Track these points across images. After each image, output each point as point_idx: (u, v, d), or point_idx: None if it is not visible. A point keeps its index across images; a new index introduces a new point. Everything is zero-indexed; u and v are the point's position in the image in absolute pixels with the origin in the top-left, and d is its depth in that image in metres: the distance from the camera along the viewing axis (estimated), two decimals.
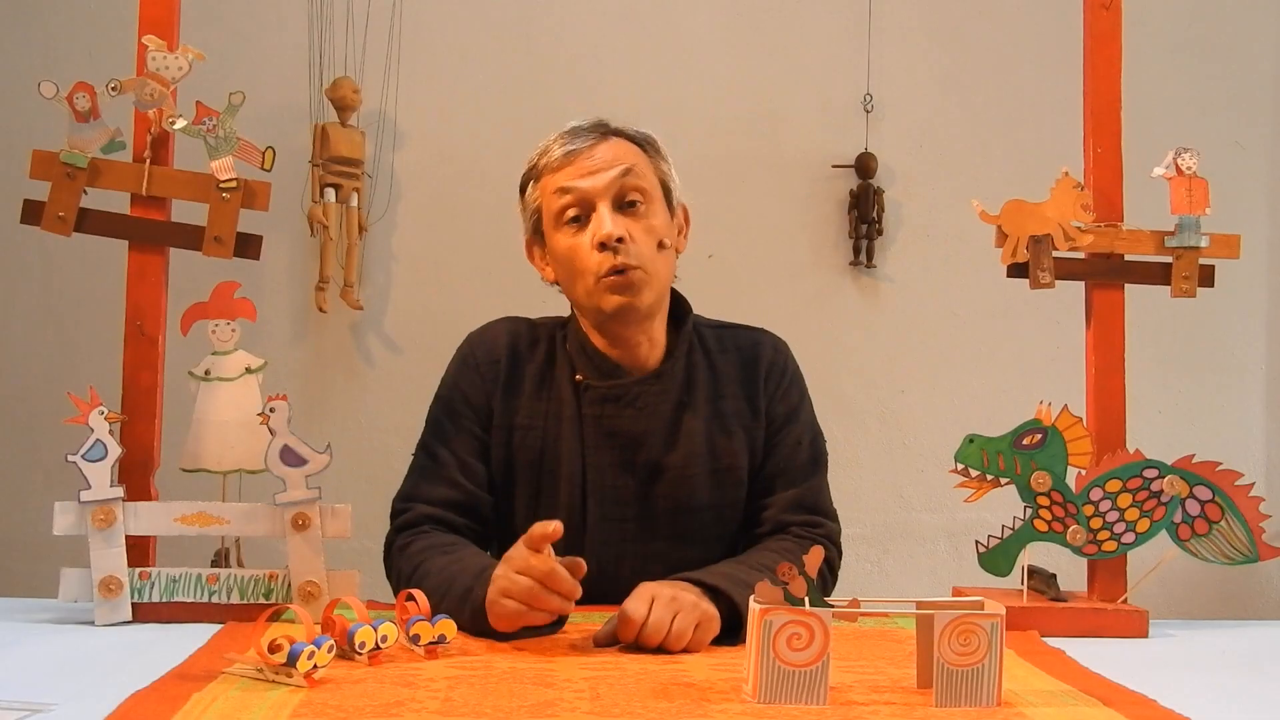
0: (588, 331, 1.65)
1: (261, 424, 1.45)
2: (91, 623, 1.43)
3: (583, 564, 1.38)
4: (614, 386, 1.62)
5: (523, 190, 1.67)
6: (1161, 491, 1.56)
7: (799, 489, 1.66)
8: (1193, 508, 1.58)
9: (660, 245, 1.59)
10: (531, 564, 1.34)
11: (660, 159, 1.65)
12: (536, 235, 1.66)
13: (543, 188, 1.62)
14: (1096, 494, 1.57)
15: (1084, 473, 1.57)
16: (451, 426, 1.65)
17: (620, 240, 1.54)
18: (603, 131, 1.61)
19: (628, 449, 1.61)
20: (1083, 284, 1.71)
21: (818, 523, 1.66)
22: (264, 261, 1.64)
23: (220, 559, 1.56)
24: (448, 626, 1.30)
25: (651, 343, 1.64)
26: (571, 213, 1.57)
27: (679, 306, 1.71)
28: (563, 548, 1.51)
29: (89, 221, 1.55)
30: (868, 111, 2.82)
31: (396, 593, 1.58)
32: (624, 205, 1.57)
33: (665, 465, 1.62)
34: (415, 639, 1.29)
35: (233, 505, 1.48)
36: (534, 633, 1.39)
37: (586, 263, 1.56)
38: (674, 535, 1.63)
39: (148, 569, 1.47)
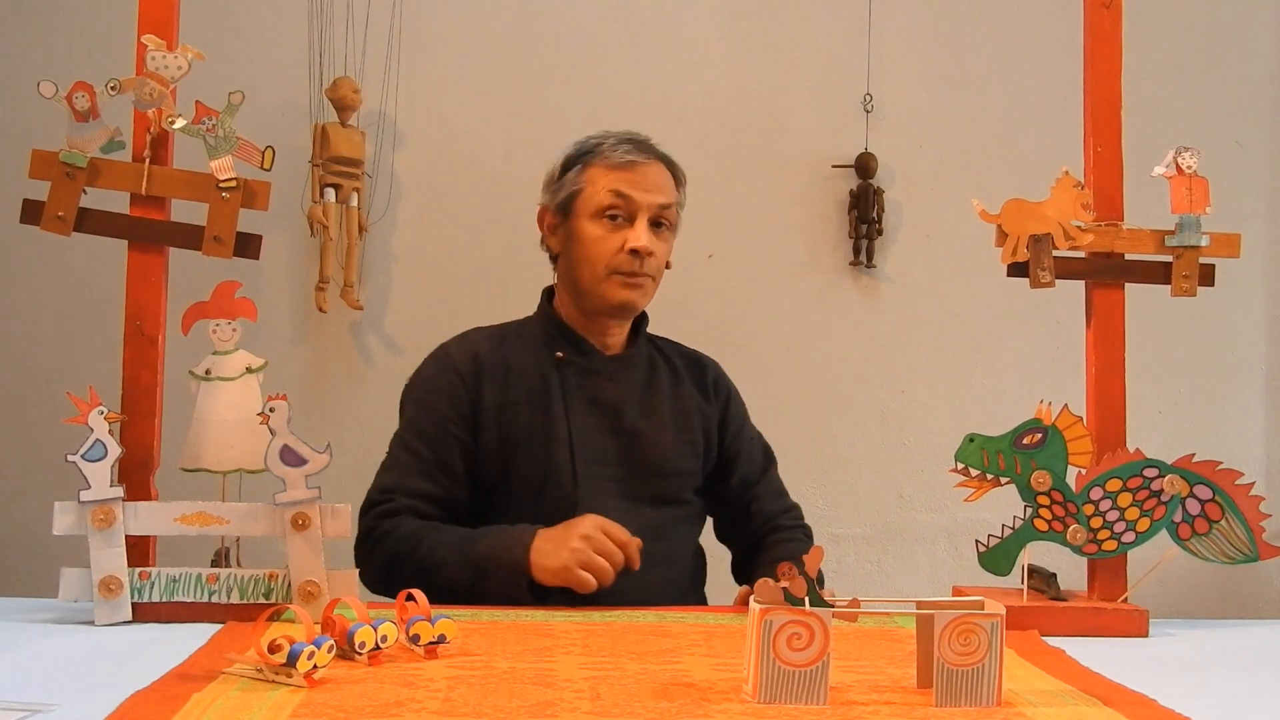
0: (565, 316, 1.85)
1: (261, 424, 1.45)
2: (91, 623, 1.43)
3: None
4: (592, 361, 1.83)
5: (566, 167, 1.82)
6: (1162, 491, 1.56)
7: (771, 481, 1.96)
8: (1193, 507, 1.58)
9: (666, 265, 1.85)
10: (614, 532, 1.60)
11: (683, 192, 1.87)
12: (561, 211, 1.82)
13: (592, 177, 1.79)
14: (1096, 493, 1.57)
15: (1084, 472, 1.57)
16: (431, 426, 1.77)
17: (650, 255, 1.77)
18: (655, 153, 1.83)
19: (608, 415, 1.81)
20: (1083, 283, 1.71)
21: (792, 506, 1.97)
22: (264, 261, 1.64)
23: (220, 559, 1.56)
24: (448, 627, 1.30)
25: (620, 333, 1.88)
26: (615, 212, 1.77)
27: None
28: (555, 506, 1.72)
29: (88, 221, 1.55)
30: (868, 111, 2.82)
31: (377, 580, 1.68)
32: (655, 224, 1.79)
33: (641, 431, 1.82)
34: (415, 639, 1.29)
35: (233, 505, 1.48)
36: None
37: (607, 256, 1.77)
38: (649, 498, 1.81)
39: (148, 569, 1.47)
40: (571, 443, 1.77)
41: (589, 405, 1.80)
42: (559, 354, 1.82)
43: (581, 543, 1.57)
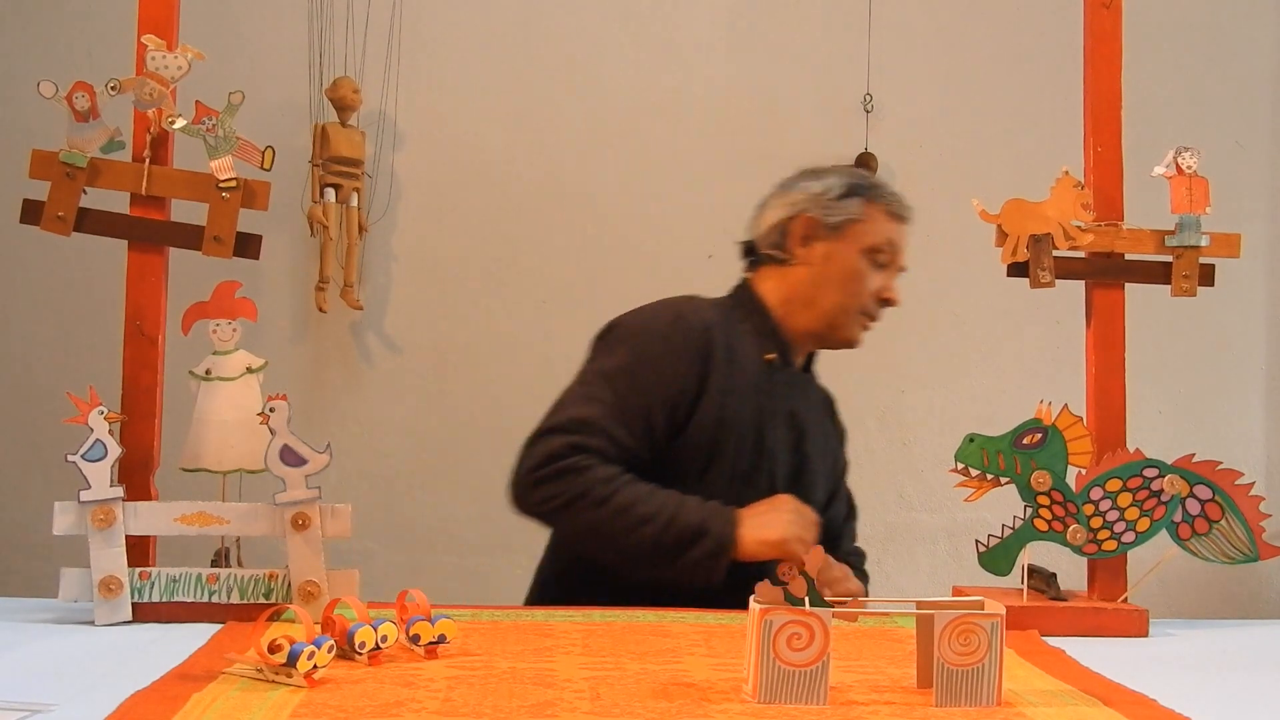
0: (780, 321, 1.82)
1: (261, 424, 1.45)
2: (91, 623, 1.43)
3: None
4: (794, 374, 1.84)
5: (849, 193, 1.82)
6: (1161, 491, 1.56)
7: (852, 529, 2.01)
8: (1193, 507, 1.58)
9: None
10: (808, 512, 1.66)
11: None
12: (832, 230, 1.81)
13: (874, 215, 1.82)
14: (1096, 493, 1.57)
15: (1084, 472, 1.57)
16: (647, 377, 1.71)
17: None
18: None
19: (795, 431, 1.81)
20: (1083, 283, 1.71)
21: (863, 552, 2.01)
22: (264, 261, 1.64)
23: (220, 559, 1.56)
24: (448, 627, 1.30)
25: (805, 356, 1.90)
26: (880, 257, 1.82)
27: None
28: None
29: (88, 221, 1.55)
30: (868, 111, 2.82)
31: (551, 510, 1.65)
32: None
33: (809, 456, 1.82)
34: (415, 639, 1.29)
35: (233, 505, 1.48)
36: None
37: (864, 295, 1.81)
38: None
39: (148, 569, 1.47)
40: (771, 452, 1.77)
41: (785, 417, 1.79)
42: (770, 355, 1.79)
43: (794, 515, 1.63)
